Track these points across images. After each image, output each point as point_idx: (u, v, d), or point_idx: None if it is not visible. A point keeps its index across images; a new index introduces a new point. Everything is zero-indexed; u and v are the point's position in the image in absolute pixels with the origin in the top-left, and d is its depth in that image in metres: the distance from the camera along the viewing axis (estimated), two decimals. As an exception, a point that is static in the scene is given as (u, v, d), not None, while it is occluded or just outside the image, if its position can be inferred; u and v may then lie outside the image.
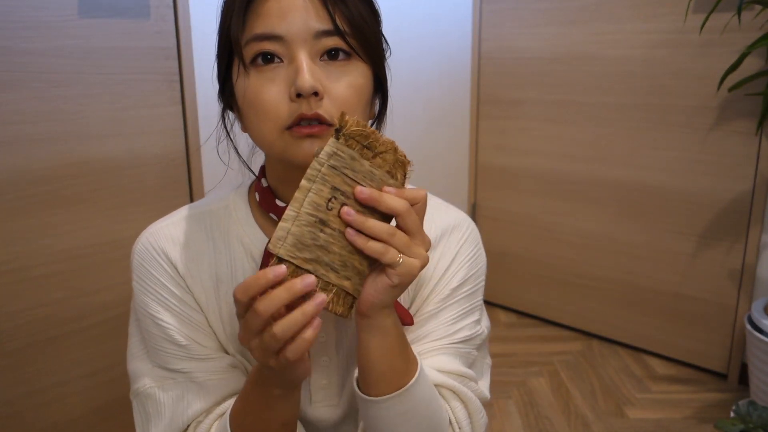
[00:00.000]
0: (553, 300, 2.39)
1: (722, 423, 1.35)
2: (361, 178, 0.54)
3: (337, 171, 0.53)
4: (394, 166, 0.56)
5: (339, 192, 0.53)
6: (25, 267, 1.32)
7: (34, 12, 1.26)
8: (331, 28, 0.59)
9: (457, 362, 0.71)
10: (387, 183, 0.55)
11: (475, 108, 2.49)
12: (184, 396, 0.67)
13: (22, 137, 1.28)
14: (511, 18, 2.32)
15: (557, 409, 1.84)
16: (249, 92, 0.61)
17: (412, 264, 0.55)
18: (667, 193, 2.02)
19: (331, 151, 0.52)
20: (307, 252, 0.52)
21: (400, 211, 0.55)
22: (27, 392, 1.36)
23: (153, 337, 0.69)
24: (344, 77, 0.61)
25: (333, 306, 0.54)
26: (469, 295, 0.74)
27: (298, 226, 0.52)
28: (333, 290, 0.54)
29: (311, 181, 0.52)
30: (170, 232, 0.70)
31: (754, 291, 1.89)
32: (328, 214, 0.53)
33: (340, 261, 0.54)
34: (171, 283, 0.68)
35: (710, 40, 1.84)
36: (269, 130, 0.60)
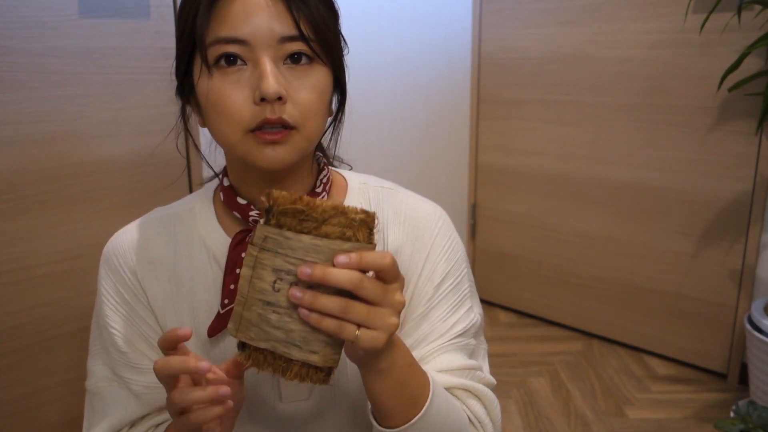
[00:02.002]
0: (553, 300, 2.39)
1: (722, 423, 1.35)
2: (303, 254, 0.49)
3: (275, 253, 0.50)
4: (348, 228, 0.50)
5: (283, 272, 0.50)
6: (25, 267, 1.32)
7: (34, 12, 1.26)
8: (296, 34, 0.60)
9: (460, 356, 0.71)
10: (342, 248, 0.50)
11: (475, 108, 2.49)
12: (124, 400, 0.70)
13: (22, 137, 1.28)
14: (511, 18, 2.32)
15: (557, 409, 1.84)
16: (212, 94, 0.61)
17: (373, 336, 0.51)
18: (667, 193, 2.02)
19: (262, 236, 0.50)
20: (263, 334, 0.51)
21: (350, 286, 0.51)
22: (27, 392, 1.36)
23: (103, 340, 0.72)
24: (307, 81, 0.61)
25: (303, 378, 0.53)
26: (455, 288, 0.73)
27: (248, 311, 0.51)
28: (298, 365, 0.52)
29: (250, 267, 0.51)
30: (131, 237, 0.72)
31: (754, 291, 1.89)
32: (276, 295, 0.50)
33: (300, 337, 0.51)
34: (125, 290, 0.71)
35: (710, 40, 1.84)
36: (232, 132, 0.61)
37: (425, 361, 0.69)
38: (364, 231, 0.51)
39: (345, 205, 0.51)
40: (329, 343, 0.52)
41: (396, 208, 0.74)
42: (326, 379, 0.54)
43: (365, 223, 0.51)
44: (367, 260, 0.51)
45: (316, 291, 0.50)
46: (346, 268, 0.49)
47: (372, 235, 0.52)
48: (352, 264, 0.50)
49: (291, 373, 0.52)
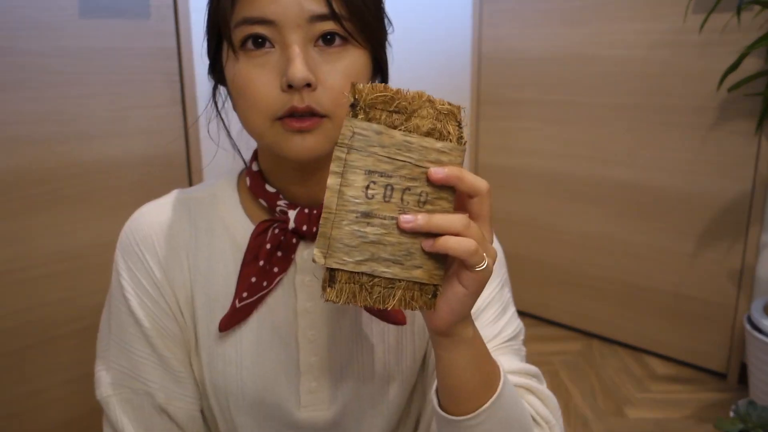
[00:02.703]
0: (553, 300, 2.39)
1: (722, 423, 1.35)
2: (395, 152, 0.45)
3: (365, 152, 0.45)
4: (438, 121, 0.46)
5: (376, 174, 0.45)
6: (25, 267, 1.32)
7: (34, 12, 1.26)
8: (327, 12, 0.54)
9: (517, 360, 0.66)
10: (434, 147, 0.46)
11: (475, 108, 2.49)
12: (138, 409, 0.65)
13: (22, 137, 1.28)
14: (511, 18, 2.32)
15: (557, 409, 1.84)
16: (238, 78, 0.57)
17: (489, 265, 0.47)
18: (666, 193, 2.02)
19: (349, 133, 0.44)
20: (358, 253, 0.45)
21: (483, 191, 0.48)
22: (27, 392, 1.36)
23: (122, 335, 0.66)
24: (339, 64, 0.56)
25: (407, 302, 0.47)
26: (500, 291, 0.70)
27: (338, 229, 0.45)
28: (402, 286, 0.46)
29: (338, 174, 0.44)
30: (152, 220, 0.67)
31: (753, 291, 1.89)
32: (371, 203, 0.45)
33: (402, 251, 0.46)
34: (147, 281, 0.65)
35: (710, 40, 1.84)
36: (259, 119, 0.57)
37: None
38: (453, 123, 0.47)
39: (430, 95, 0.47)
40: (432, 256, 0.47)
41: None
42: (432, 303, 0.48)
43: (453, 114, 0.47)
44: (467, 180, 0.47)
45: (415, 206, 0.46)
46: (441, 182, 0.45)
47: (461, 128, 0.47)
48: (450, 179, 0.46)
49: (394, 299, 0.47)
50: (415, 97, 0.46)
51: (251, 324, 0.65)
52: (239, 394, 0.66)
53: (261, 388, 0.66)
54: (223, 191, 0.69)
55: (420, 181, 0.46)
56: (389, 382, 0.69)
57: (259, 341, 0.65)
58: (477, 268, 0.47)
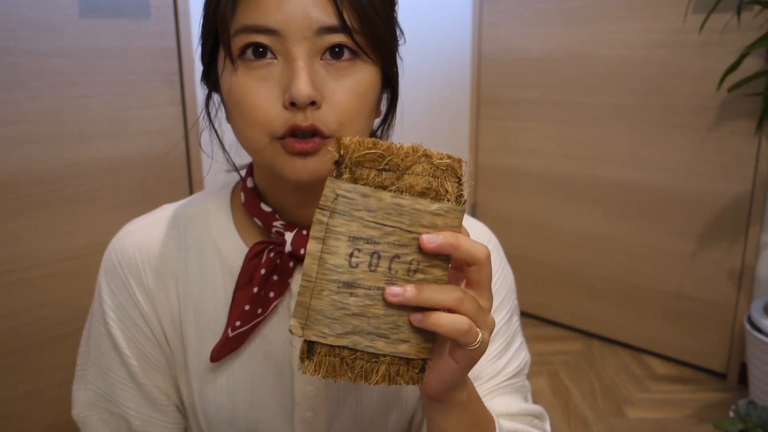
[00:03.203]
0: (553, 300, 2.39)
1: (722, 423, 1.35)
2: (383, 216, 0.41)
3: (349, 216, 0.41)
4: (434, 178, 0.42)
5: (361, 240, 0.41)
6: (25, 267, 1.32)
7: (34, 12, 1.26)
8: (337, 24, 0.50)
9: (518, 399, 0.64)
10: (429, 210, 0.42)
11: (475, 108, 2.49)
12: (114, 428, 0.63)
13: (22, 137, 1.28)
14: (511, 18, 2.32)
15: (557, 409, 1.84)
16: (236, 90, 0.52)
17: (485, 340, 0.44)
18: (666, 193, 2.02)
19: (332, 195, 0.41)
20: (339, 326, 0.42)
21: (481, 259, 0.43)
22: (27, 392, 1.36)
23: (101, 358, 0.63)
24: (347, 81, 0.52)
25: (393, 378, 0.44)
26: (507, 322, 0.66)
27: (318, 299, 0.41)
28: (386, 361, 0.43)
29: (319, 240, 0.41)
30: (139, 241, 0.63)
31: (753, 291, 1.89)
32: (354, 272, 0.41)
33: (387, 324, 0.42)
34: (129, 306, 0.62)
35: (710, 40, 1.84)
36: (257, 136, 0.52)
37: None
38: (451, 180, 0.42)
39: (427, 148, 0.42)
40: (420, 329, 0.43)
41: None
42: (420, 377, 0.45)
43: (452, 170, 0.42)
44: (463, 248, 0.42)
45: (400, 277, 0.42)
46: (434, 251, 0.42)
47: (461, 185, 0.43)
48: (444, 247, 0.41)
49: (377, 375, 0.43)
50: (409, 153, 0.41)
51: (244, 352, 0.61)
52: (231, 423, 0.63)
53: (254, 418, 0.63)
54: (214, 208, 0.64)
55: (411, 248, 0.42)
56: (388, 411, 0.66)
57: (253, 370, 0.62)
58: (469, 347, 0.43)
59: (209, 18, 0.54)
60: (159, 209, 0.66)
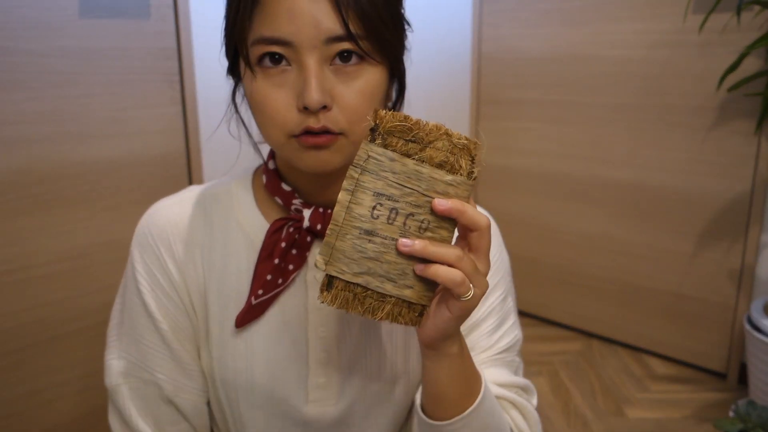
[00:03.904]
0: (553, 300, 2.40)
1: (721, 422, 1.35)
2: (405, 179, 0.48)
3: (377, 175, 0.48)
4: (452, 154, 0.49)
5: (384, 197, 0.48)
6: (25, 267, 1.32)
7: (34, 12, 1.26)
8: (343, 34, 0.55)
9: (507, 373, 0.69)
10: (443, 179, 0.49)
11: (475, 108, 2.49)
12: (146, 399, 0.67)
13: (22, 137, 1.28)
14: (511, 18, 2.32)
15: (557, 409, 1.84)
16: (256, 95, 0.58)
17: (475, 296, 0.50)
18: (666, 193, 2.02)
19: (365, 155, 0.48)
20: (356, 266, 0.49)
21: (482, 226, 0.50)
22: (27, 392, 1.36)
23: (133, 325, 0.67)
24: (355, 83, 0.57)
25: (395, 317, 0.51)
26: (502, 301, 0.71)
27: (341, 240, 0.49)
28: (392, 301, 0.50)
29: (349, 192, 0.48)
30: (169, 215, 0.69)
31: (753, 291, 1.89)
32: (375, 222, 0.48)
33: (396, 270, 0.49)
34: (161, 274, 0.67)
35: (710, 40, 1.84)
36: (276, 134, 0.58)
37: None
38: (466, 158, 0.49)
39: (449, 128, 0.49)
40: (423, 279, 0.50)
41: None
42: (417, 320, 0.52)
43: (467, 150, 0.49)
44: (468, 215, 0.49)
45: (415, 232, 0.49)
46: (443, 213, 0.48)
47: (474, 164, 0.49)
48: (452, 211, 0.48)
49: (382, 312, 0.50)
50: (433, 129, 0.48)
51: (263, 320, 0.66)
52: (248, 389, 0.67)
53: (270, 383, 0.67)
54: (238, 189, 0.70)
55: (424, 209, 0.49)
56: (395, 381, 0.70)
57: (270, 337, 0.66)
58: (462, 298, 0.50)
59: (230, 27, 0.61)
60: (186, 189, 0.72)
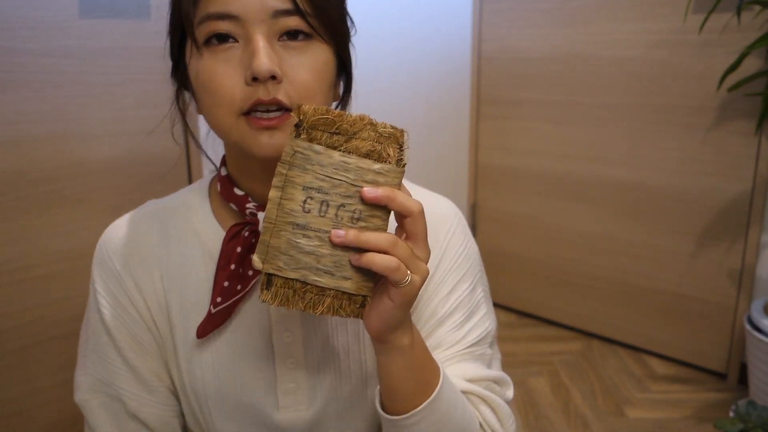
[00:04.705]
0: (553, 300, 2.40)
1: (722, 423, 1.35)
2: (332, 171, 0.49)
3: (304, 169, 0.49)
4: (378, 143, 0.49)
5: (313, 190, 0.49)
6: (25, 267, 1.32)
7: (34, 12, 1.26)
8: (291, 8, 0.55)
9: (477, 366, 0.67)
10: (371, 168, 0.49)
11: (475, 108, 2.49)
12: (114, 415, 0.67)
13: (22, 137, 1.28)
14: (511, 18, 2.32)
15: (557, 409, 1.84)
16: (202, 74, 0.57)
17: (414, 281, 0.50)
18: (666, 193, 2.02)
19: (291, 151, 0.48)
20: (292, 261, 0.49)
21: (414, 211, 0.50)
22: (27, 392, 1.36)
23: (97, 344, 0.67)
24: (304, 59, 0.57)
25: (336, 310, 0.51)
26: (470, 293, 0.70)
27: (276, 237, 0.49)
28: (331, 294, 0.50)
29: (279, 188, 0.49)
30: (122, 233, 0.69)
31: (753, 291, 1.89)
32: (307, 216, 0.49)
33: (332, 262, 0.49)
34: (118, 291, 0.67)
35: (710, 40, 1.84)
36: (224, 114, 0.57)
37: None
38: (393, 146, 0.49)
39: (373, 118, 0.49)
40: (361, 269, 0.50)
41: None
42: (360, 312, 0.52)
43: (394, 138, 0.49)
44: (398, 201, 0.49)
45: (348, 221, 0.49)
46: (372, 201, 0.48)
47: (402, 152, 0.50)
48: (381, 199, 0.48)
49: (323, 306, 0.50)
50: (356, 120, 0.49)
51: (227, 328, 0.66)
52: (219, 399, 0.67)
53: (239, 392, 0.67)
54: (194, 199, 0.70)
55: (355, 198, 0.49)
56: (367, 381, 0.69)
57: (235, 345, 0.66)
58: (401, 285, 0.49)
59: (175, 13, 0.60)
60: (143, 205, 0.72)
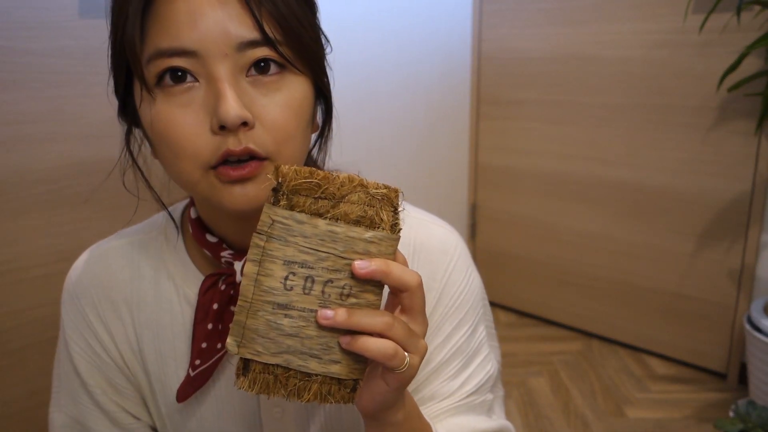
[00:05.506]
0: (553, 300, 2.40)
1: (722, 422, 1.35)
2: (318, 243, 0.42)
3: (285, 241, 0.42)
4: (370, 207, 0.43)
5: (296, 265, 0.42)
6: (25, 267, 1.32)
7: (34, 12, 1.26)
8: (258, 38, 0.47)
9: (476, 418, 0.61)
10: (362, 238, 0.43)
11: (475, 108, 2.49)
12: None
13: (22, 137, 1.28)
14: (511, 18, 2.32)
15: (557, 409, 1.84)
16: (157, 122, 0.48)
17: (413, 364, 0.44)
18: (666, 193, 2.02)
19: (269, 221, 0.42)
20: (273, 345, 0.43)
21: (412, 285, 0.43)
22: (27, 392, 1.36)
23: (69, 384, 0.63)
24: (278, 96, 0.48)
25: (324, 397, 0.45)
26: (469, 336, 0.63)
27: (253, 318, 0.43)
28: (318, 380, 0.44)
29: (255, 262, 0.42)
30: (92, 272, 0.62)
31: (753, 291, 1.89)
32: (289, 294, 0.42)
33: (319, 345, 0.43)
34: (89, 335, 0.63)
35: (710, 40, 1.84)
36: (188, 168, 0.48)
37: (435, 421, 0.59)
38: (387, 210, 0.43)
39: (364, 178, 0.43)
40: (350, 351, 0.44)
41: (404, 234, 0.59)
42: (351, 397, 0.46)
43: (388, 200, 0.43)
44: (394, 275, 0.43)
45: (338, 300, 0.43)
46: (365, 277, 0.42)
47: (397, 215, 0.44)
48: (375, 274, 0.42)
49: (309, 393, 0.44)
50: (345, 182, 0.42)
51: (211, 389, 0.61)
52: None
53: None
54: (168, 235, 0.63)
55: (344, 273, 0.43)
56: (358, 429, 0.65)
57: (219, 400, 0.61)
58: (397, 371, 0.44)
59: (117, 46, 0.49)
60: (114, 235, 0.66)
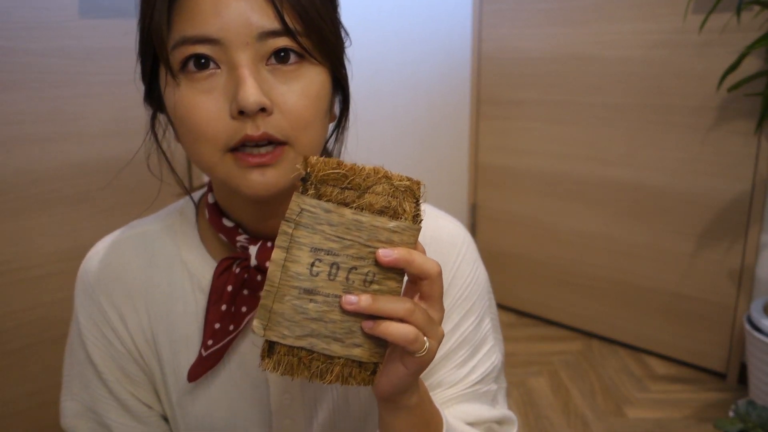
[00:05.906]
0: (553, 300, 2.40)
1: (721, 422, 1.35)
2: (344, 231, 0.44)
3: (312, 229, 0.44)
4: (393, 198, 0.45)
5: (322, 252, 0.44)
6: (25, 267, 1.32)
7: (34, 12, 1.26)
8: (279, 28, 0.49)
9: (479, 407, 0.63)
10: (386, 227, 0.44)
11: (475, 108, 2.49)
12: None
13: (22, 137, 1.28)
14: (511, 18, 2.32)
15: (557, 409, 1.84)
16: (180, 106, 0.50)
17: (431, 349, 0.46)
18: (666, 193, 2.02)
19: (298, 209, 0.43)
20: (298, 328, 0.44)
21: (432, 274, 0.45)
22: (27, 392, 1.36)
23: (82, 371, 0.64)
24: (296, 84, 0.50)
25: (345, 379, 0.47)
26: (476, 327, 0.65)
27: (280, 302, 0.44)
28: (340, 362, 0.46)
29: (284, 249, 0.44)
30: (106, 261, 0.63)
31: (753, 291, 1.89)
32: (314, 280, 0.44)
33: (342, 329, 0.45)
34: (102, 324, 0.63)
35: (710, 40, 1.84)
36: (208, 152, 0.51)
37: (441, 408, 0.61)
38: (410, 201, 0.45)
39: (388, 170, 0.45)
40: (371, 336, 0.46)
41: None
42: (371, 379, 0.48)
43: (411, 191, 0.45)
44: (416, 264, 0.44)
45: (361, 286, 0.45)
46: (389, 265, 0.44)
47: (418, 206, 0.46)
48: (399, 262, 0.44)
49: (332, 375, 0.46)
50: (370, 173, 0.45)
51: (221, 370, 0.62)
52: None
53: (232, 429, 0.64)
54: (181, 224, 0.64)
55: (368, 260, 0.45)
56: (366, 417, 0.66)
57: (228, 382, 0.63)
58: (417, 355, 0.46)
59: (145, 34, 0.53)
60: (127, 226, 0.67)
